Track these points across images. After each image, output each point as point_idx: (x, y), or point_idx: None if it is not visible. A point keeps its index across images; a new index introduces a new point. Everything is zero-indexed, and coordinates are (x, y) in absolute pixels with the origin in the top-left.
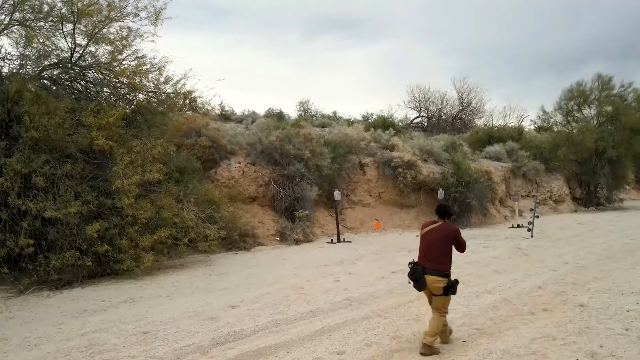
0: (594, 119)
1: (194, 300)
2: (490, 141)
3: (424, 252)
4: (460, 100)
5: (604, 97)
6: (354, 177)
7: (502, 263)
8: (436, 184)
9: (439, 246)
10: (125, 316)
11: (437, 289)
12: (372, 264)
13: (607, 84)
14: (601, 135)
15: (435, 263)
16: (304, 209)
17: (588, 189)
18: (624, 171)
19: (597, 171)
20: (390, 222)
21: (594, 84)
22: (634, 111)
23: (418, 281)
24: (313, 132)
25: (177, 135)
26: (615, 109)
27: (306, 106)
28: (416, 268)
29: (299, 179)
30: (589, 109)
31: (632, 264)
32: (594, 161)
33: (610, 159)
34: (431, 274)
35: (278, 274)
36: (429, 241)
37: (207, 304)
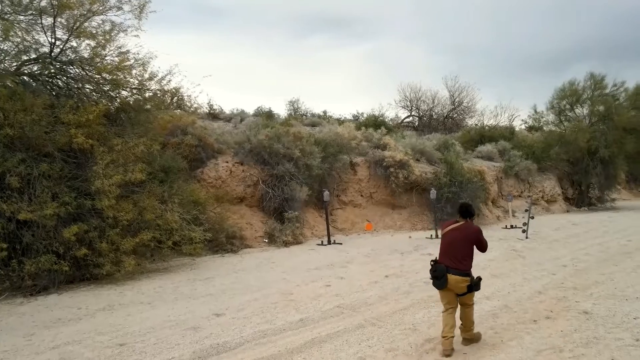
0: (587, 118)
1: (177, 307)
2: (482, 140)
3: (446, 251)
4: (452, 99)
5: (597, 96)
6: (345, 177)
7: (499, 266)
8: (429, 184)
9: (461, 246)
10: (102, 326)
11: (461, 288)
12: (364, 267)
13: (599, 83)
14: (593, 135)
15: (458, 262)
16: (293, 210)
17: (580, 189)
18: (616, 171)
19: (589, 171)
20: (381, 223)
21: (587, 83)
22: (626, 110)
23: (440, 279)
24: (303, 131)
25: (162, 134)
26: (607, 108)
27: (296, 105)
28: (438, 266)
29: (289, 179)
30: (582, 108)
31: (632, 267)
32: (587, 161)
33: (602, 159)
34: (454, 274)
35: (266, 279)
36: (451, 240)
37: (190, 311)
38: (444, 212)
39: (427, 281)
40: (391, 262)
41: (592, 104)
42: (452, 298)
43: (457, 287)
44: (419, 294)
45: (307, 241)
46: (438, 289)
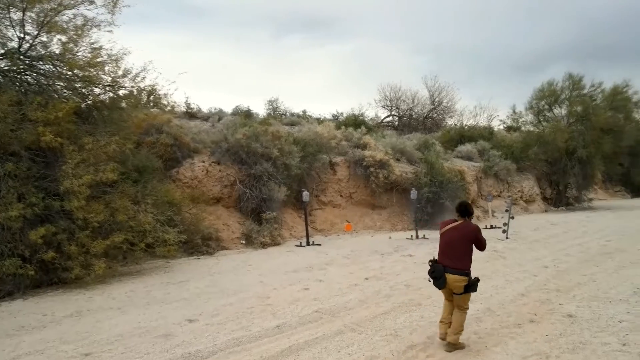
0: (565, 118)
1: (148, 313)
2: (461, 140)
3: (445, 251)
4: (432, 99)
5: (575, 97)
6: (324, 176)
7: (480, 267)
8: (409, 184)
9: (460, 245)
10: (68, 334)
11: (459, 287)
12: (344, 269)
13: (577, 84)
14: (572, 135)
15: (456, 261)
16: (271, 211)
17: (558, 189)
18: (593, 171)
19: (567, 171)
20: (361, 224)
21: (565, 83)
22: (603, 111)
23: (439, 279)
24: (282, 130)
25: (136, 132)
26: (585, 108)
27: (275, 105)
28: (437, 266)
29: (267, 179)
30: (560, 109)
31: (613, 267)
32: (565, 161)
33: (580, 159)
34: (452, 273)
35: (242, 282)
36: (450, 239)
37: (163, 317)
38: (424, 212)
39: (407, 284)
40: (371, 264)
41: (570, 104)
42: (448, 293)
43: (455, 286)
44: (400, 297)
45: (286, 242)
46: (438, 288)
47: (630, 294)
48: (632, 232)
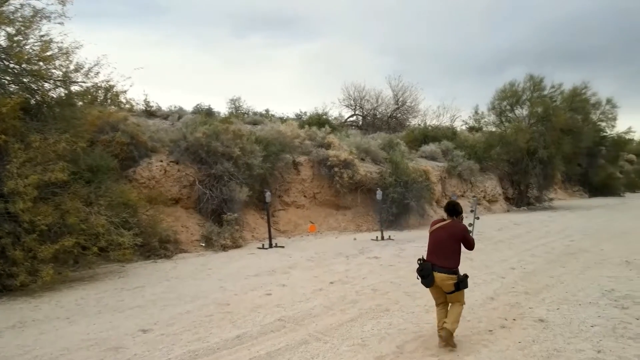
0: (526, 119)
1: (99, 322)
2: (425, 140)
3: (433, 249)
4: (396, 99)
5: (535, 98)
6: (288, 176)
7: None
8: (374, 184)
9: (449, 244)
10: (8, 348)
11: (448, 286)
12: (308, 273)
13: (538, 85)
14: (533, 136)
15: (444, 260)
16: (232, 212)
17: (519, 189)
18: (554, 171)
19: (528, 171)
20: (325, 225)
21: (526, 84)
22: (563, 112)
23: (427, 278)
24: (243, 129)
25: (89, 130)
26: (545, 109)
27: (237, 103)
28: (425, 265)
29: (228, 179)
30: (521, 109)
31: (579, 268)
32: (526, 161)
33: (541, 159)
34: (440, 272)
35: (201, 287)
36: (438, 238)
37: (114, 327)
38: (389, 212)
39: (374, 288)
40: (336, 267)
41: (531, 105)
42: (441, 294)
43: (444, 285)
44: (367, 302)
45: (248, 245)
46: (425, 286)
47: (599, 296)
48: (592, 231)
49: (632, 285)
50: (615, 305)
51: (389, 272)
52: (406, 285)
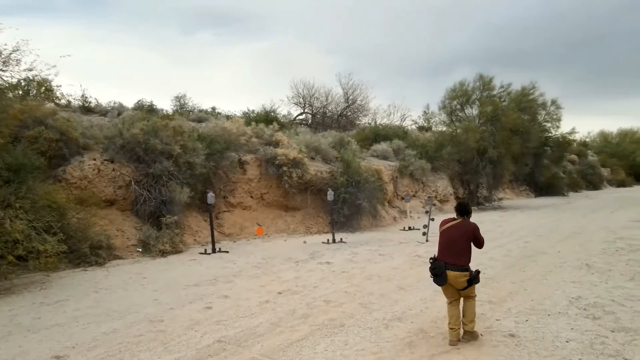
0: (476, 119)
1: (6, 347)
2: (376, 139)
3: (445, 248)
4: (346, 97)
5: (485, 98)
6: (233, 176)
7: (405, 276)
8: (324, 184)
9: (460, 242)
10: None
11: (461, 283)
12: (253, 281)
13: (488, 84)
14: (483, 135)
15: (456, 259)
16: (172, 214)
17: (469, 189)
18: (503, 171)
19: (479, 171)
20: (274, 227)
21: (476, 84)
22: (512, 112)
23: (440, 276)
24: (185, 125)
25: (10, 125)
26: (494, 109)
27: (183, 101)
28: (438, 263)
29: (167, 179)
30: (471, 109)
31: (540, 273)
32: (476, 161)
33: (491, 159)
34: (453, 270)
35: (133, 300)
36: (450, 237)
37: (23, 353)
38: (340, 214)
39: (327, 299)
40: (285, 274)
41: (481, 104)
42: (454, 292)
43: (457, 283)
44: (319, 316)
45: (189, 250)
46: (438, 285)
47: (567, 305)
48: (545, 232)
49: (597, 291)
50: (586, 316)
51: (342, 279)
52: (361, 296)
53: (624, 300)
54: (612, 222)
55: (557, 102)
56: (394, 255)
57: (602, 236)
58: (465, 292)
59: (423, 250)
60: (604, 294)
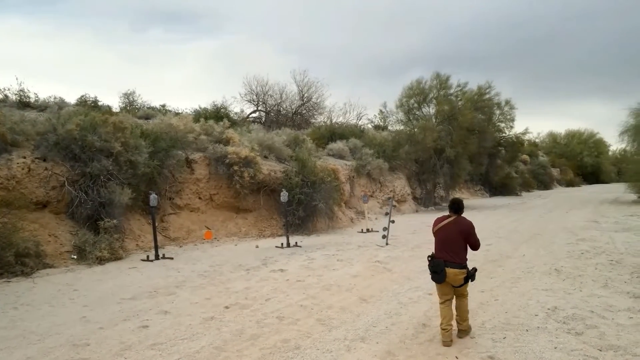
0: (434, 118)
1: None
2: (332, 138)
3: (442, 246)
4: (301, 95)
5: (442, 96)
6: (180, 176)
7: (366, 285)
8: (278, 184)
9: (458, 239)
10: None
11: (459, 280)
12: (198, 293)
13: (444, 83)
14: (440, 135)
15: (454, 256)
16: (112, 217)
17: (426, 189)
18: (460, 171)
19: (436, 170)
20: (224, 230)
21: (433, 82)
22: (468, 111)
23: (439, 273)
24: (127, 121)
25: None
26: (451, 108)
27: (131, 98)
28: (436, 261)
29: (106, 179)
30: (428, 108)
31: (509, 279)
32: (434, 160)
33: (448, 159)
34: (452, 267)
35: (57, 318)
36: (447, 235)
37: None
38: (295, 216)
39: (280, 314)
40: (234, 284)
41: (438, 103)
42: (449, 290)
43: (455, 280)
44: (271, 337)
45: (130, 256)
46: (437, 282)
47: (544, 317)
48: (505, 233)
49: (573, 300)
50: (567, 331)
51: (297, 290)
52: (319, 310)
53: (603, 311)
54: (569, 222)
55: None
56: (353, 260)
57: (563, 238)
58: (460, 290)
59: (383, 254)
60: (581, 303)
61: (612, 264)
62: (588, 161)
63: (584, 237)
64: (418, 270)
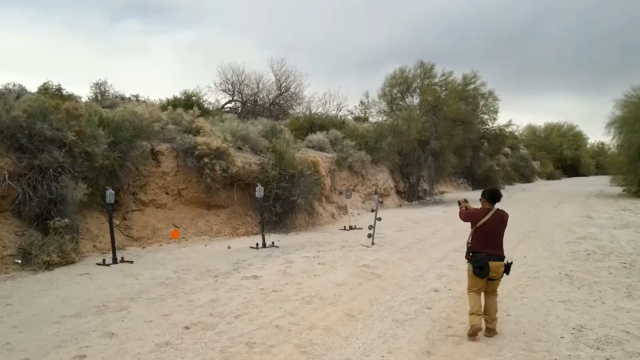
0: (418, 108)
1: None
2: (312, 129)
3: (487, 241)
4: (279, 84)
5: (426, 86)
6: (145, 169)
7: (353, 296)
8: (254, 178)
9: (500, 232)
10: None
11: (500, 272)
12: (155, 308)
13: (429, 72)
14: (425, 126)
15: (498, 249)
16: (64, 216)
17: (410, 182)
18: (445, 163)
19: (421, 163)
20: (193, 228)
21: (417, 71)
22: (454, 101)
23: (484, 268)
24: (83, 108)
25: None
26: (436, 98)
27: (103, 88)
28: (480, 256)
29: (58, 173)
30: (412, 98)
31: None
32: (418, 152)
33: (433, 151)
34: (495, 260)
35: None
36: (492, 230)
37: None
38: (272, 212)
39: (250, 338)
40: (199, 295)
41: (422, 93)
42: (484, 284)
43: (497, 272)
44: None
45: (85, 259)
46: (481, 277)
47: (572, 340)
48: None
49: (598, 315)
50: None
51: (272, 303)
52: (298, 331)
53: (638, 330)
54: (562, 218)
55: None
56: (337, 264)
57: (561, 235)
58: (494, 286)
59: (370, 257)
60: (609, 320)
61: (626, 267)
62: (567, 154)
63: (583, 234)
64: (411, 276)
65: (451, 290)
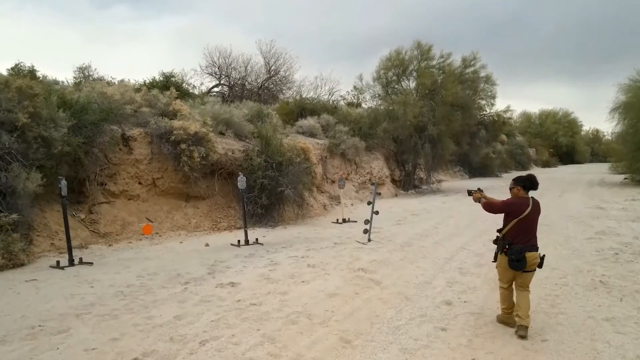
0: (415, 92)
1: None
2: (302, 114)
3: (527, 233)
4: (267, 67)
5: (424, 68)
6: (114, 156)
7: (349, 311)
8: (237, 166)
9: (536, 222)
10: None
11: (535, 263)
12: (104, 328)
13: (426, 53)
14: (422, 110)
15: (534, 240)
16: (14, 210)
17: (406, 170)
18: (444, 150)
19: (417, 150)
20: (169, 223)
21: (413, 52)
22: (452, 85)
23: (521, 261)
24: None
25: None
26: (434, 81)
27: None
28: (516, 247)
29: (7, 161)
30: (408, 81)
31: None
32: (415, 139)
33: (430, 137)
34: (530, 251)
35: None
36: (533, 220)
37: None
38: (257, 204)
39: None
40: (160, 310)
41: (419, 76)
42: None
43: (533, 263)
44: None
45: (38, 260)
46: (517, 270)
47: None
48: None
49: None
50: None
51: (248, 323)
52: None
53: None
54: (572, 209)
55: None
56: (329, 266)
57: (577, 230)
58: (525, 280)
59: (367, 257)
60: None
61: None
62: (563, 141)
63: (601, 229)
64: (416, 283)
65: (467, 304)
